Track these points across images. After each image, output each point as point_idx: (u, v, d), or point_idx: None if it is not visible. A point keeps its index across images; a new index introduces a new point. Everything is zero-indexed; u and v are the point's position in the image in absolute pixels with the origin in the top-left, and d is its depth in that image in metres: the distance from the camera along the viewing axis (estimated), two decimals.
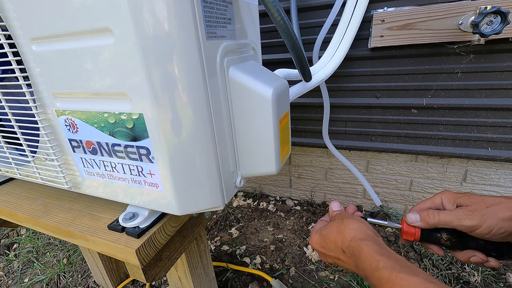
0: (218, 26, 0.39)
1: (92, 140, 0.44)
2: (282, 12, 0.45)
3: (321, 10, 0.93)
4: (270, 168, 0.50)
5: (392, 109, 1.00)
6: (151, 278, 0.51)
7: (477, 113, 0.91)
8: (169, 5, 0.32)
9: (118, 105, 0.38)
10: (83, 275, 1.24)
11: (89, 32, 0.35)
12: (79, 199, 0.59)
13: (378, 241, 0.38)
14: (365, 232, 0.39)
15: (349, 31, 0.81)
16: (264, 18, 0.88)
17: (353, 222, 0.41)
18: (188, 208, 0.44)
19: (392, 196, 1.34)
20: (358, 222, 0.41)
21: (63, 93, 0.42)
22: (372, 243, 0.36)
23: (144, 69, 0.34)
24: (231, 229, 1.40)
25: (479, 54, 0.83)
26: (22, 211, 0.57)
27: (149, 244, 0.46)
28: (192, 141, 0.39)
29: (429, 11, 0.78)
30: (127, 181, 0.45)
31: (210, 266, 0.84)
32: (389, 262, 0.33)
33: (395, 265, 0.32)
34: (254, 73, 0.46)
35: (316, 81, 0.74)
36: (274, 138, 0.47)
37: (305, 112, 1.14)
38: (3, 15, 0.39)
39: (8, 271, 1.32)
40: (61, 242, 1.43)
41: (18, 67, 0.41)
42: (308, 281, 1.09)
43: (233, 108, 0.46)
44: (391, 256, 0.34)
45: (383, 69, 0.94)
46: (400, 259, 0.34)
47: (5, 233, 1.57)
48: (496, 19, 0.69)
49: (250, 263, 1.18)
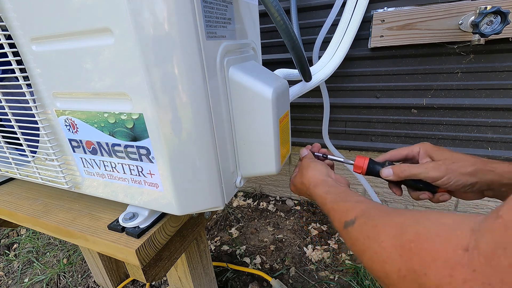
0: (218, 26, 0.39)
1: (92, 140, 0.44)
2: (282, 12, 0.45)
3: (321, 10, 0.93)
4: (270, 168, 0.50)
5: (392, 109, 1.00)
6: (151, 278, 0.51)
7: (477, 113, 0.91)
8: (169, 5, 0.32)
9: (118, 105, 0.38)
10: (83, 275, 1.24)
11: (89, 32, 0.35)
12: (79, 199, 0.59)
13: (327, 182, 0.47)
14: (317, 178, 0.48)
15: (349, 31, 0.81)
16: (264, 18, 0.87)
17: (309, 172, 0.50)
18: (188, 208, 0.44)
19: (392, 196, 1.34)
20: (313, 171, 0.50)
21: (63, 93, 0.42)
22: (322, 185, 0.46)
23: (144, 69, 0.34)
24: (231, 229, 1.40)
25: (479, 54, 0.83)
26: (22, 211, 0.57)
27: (149, 244, 0.46)
28: (192, 141, 0.39)
29: (429, 11, 0.78)
30: (127, 181, 0.45)
31: (210, 266, 0.84)
32: (332, 197, 0.42)
33: (336, 198, 0.41)
34: (254, 73, 0.46)
35: (316, 81, 0.74)
36: (274, 138, 0.47)
37: (305, 112, 1.14)
38: (3, 15, 0.39)
39: (8, 271, 1.32)
40: (61, 242, 1.43)
41: (18, 67, 0.41)
42: (308, 281, 1.09)
43: (233, 108, 0.46)
44: (335, 192, 0.43)
45: (383, 69, 0.94)
46: (341, 192, 0.42)
47: (5, 233, 1.57)
48: (496, 19, 0.69)
49: (250, 263, 1.18)
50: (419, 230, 0.25)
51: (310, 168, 0.51)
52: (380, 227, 0.29)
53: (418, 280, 0.23)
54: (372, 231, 0.30)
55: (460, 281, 0.19)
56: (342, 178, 0.51)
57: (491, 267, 0.18)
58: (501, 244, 0.18)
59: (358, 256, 0.32)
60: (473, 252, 0.19)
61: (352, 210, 0.35)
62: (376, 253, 0.28)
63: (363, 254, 0.30)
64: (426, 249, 0.23)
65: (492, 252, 0.18)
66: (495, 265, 0.18)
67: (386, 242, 0.27)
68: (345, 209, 0.37)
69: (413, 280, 0.23)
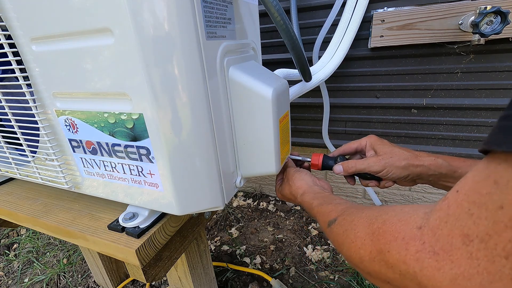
0: (218, 26, 0.39)
1: (92, 140, 0.44)
2: (282, 12, 0.45)
3: (321, 10, 0.93)
4: (270, 168, 0.50)
5: (392, 109, 1.00)
6: (151, 278, 0.51)
7: (477, 113, 0.91)
8: (169, 5, 0.32)
9: (118, 105, 0.38)
10: (83, 275, 1.24)
11: (89, 32, 0.35)
12: (79, 199, 0.59)
13: (313, 189, 0.52)
14: (302, 188, 0.54)
15: (349, 31, 0.81)
16: (264, 18, 0.87)
17: (296, 183, 0.56)
18: (188, 208, 0.44)
19: (392, 196, 1.34)
20: (300, 181, 0.55)
21: (63, 93, 0.42)
22: (308, 193, 0.51)
23: (144, 69, 0.34)
24: (231, 229, 1.40)
25: (479, 54, 0.83)
26: (22, 211, 0.57)
27: (149, 244, 0.46)
28: (192, 141, 0.39)
29: (429, 11, 0.78)
30: (127, 181, 0.45)
31: (210, 266, 0.84)
32: (318, 201, 0.47)
33: (321, 202, 0.46)
34: (254, 73, 0.46)
35: (316, 81, 0.74)
36: (274, 138, 0.47)
37: (305, 112, 1.14)
38: (3, 15, 0.39)
39: (8, 271, 1.32)
40: (61, 242, 1.43)
41: (18, 67, 0.41)
42: (308, 281, 1.09)
43: (233, 108, 0.46)
44: (319, 196, 0.48)
45: (383, 69, 0.94)
46: (326, 197, 0.47)
47: (5, 233, 1.57)
48: (496, 19, 0.69)
49: (250, 263, 1.18)
50: (385, 218, 0.29)
51: (296, 179, 0.56)
52: (355, 221, 0.34)
53: (384, 258, 0.26)
54: (349, 225, 0.34)
55: (413, 252, 0.23)
56: (327, 184, 0.56)
57: (435, 237, 0.22)
58: (444, 219, 0.22)
59: (339, 249, 0.36)
60: (424, 229, 0.23)
61: (334, 211, 0.40)
62: (352, 241, 0.32)
63: (342, 246, 0.34)
64: (389, 231, 0.27)
65: (437, 226, 0.22)
66: (438, 236, 0.22)
67: (360, 232, 0.31)
68: (329, 211, 0.41)
69: (380, 259, 0.27)
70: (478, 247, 0.19)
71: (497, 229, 0.18)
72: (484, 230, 0.18)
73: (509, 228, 0.17)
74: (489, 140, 0.20)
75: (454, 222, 0.21)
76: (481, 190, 0.19)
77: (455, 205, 0.21)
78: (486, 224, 0.18)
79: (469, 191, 0.21)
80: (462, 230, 0.20)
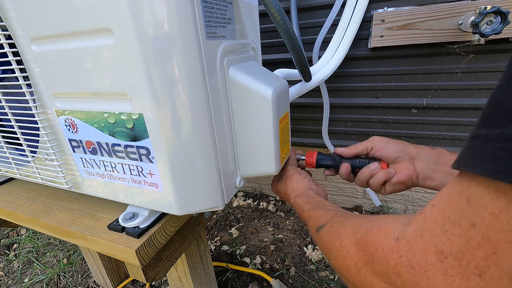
0: (218, 26, 0.39)
1: (92, 140, 0.44)
2: (282, 12, 0.45)
3: (321, 10, 0.93)
4: (270, 168, 0.50)
5: (392, 109, 1.00)
6: (151, 278, 0.51)
7: (477, 113, 0.91)
8: (169, 5, 0.32)
9: (118, 105, 0.38)
10: (83, 275, 1.24)
11: (89, 32, 0.35)
12: (79, 199, 0.59)
13: (307, 193, 0.52)
14: (297, 190, 0.54)
15: (349, 31, 0.81)
16: (264, 18, 0.87)
17: (293, 184, 0.56)
18: (188, 208, 0.44)
19: (392, 196, 1.34)
20: (296, 183, 0.56)
21: (63, 93, 0.42)
22: (301, 197, 0.51)
23: (144, 69, 0.34)
24: (231, 229, 1.40)
25: (479, 54, 0.83)
26: (22, 211, 0.57)
27: (149, 244, 0.46)
28: (192, 141, 0.39)
29: (429, 11, 0.78)
30: (127, 181, 0.45)
31: (210, 266, 0.84)
32: (310, 205, 0.47)
33: (312, 207, 0.46)
34: (254, 73, 0.46)
35: (316, 81, 0.74)
36: (274, 139, 0.47)
37: (305, 112, 1.14)
38: (3, 15, 0.39)
39: (8, 271, 1.32)
40: (61, 242, 1.43)
41: (18, 67, 0.41)
42: (308, 281, 1.09)
43: (233, 108, 0.46)
44: (312, 201, 0.48)
45: (383, 69, 0.94)
46: (317, 202, 0.47)
47: (5, 233, 1.57)
48: (496, 19, 0.69)
49: (250, 263, 1.18)
50: (368, 227, 0.29)
51: (294, 180, 0.57)
52: (341, 229, 0.34)
53: (370, 269, 0.26)
54: (336, 232, 0.34)
55: (393, 265, 0.23)
56: (322, 190, 0.57)
57: (411, 251, 0.22)
58: (419, 233, 0.22)
59: (327, 256, 0.36)
60: (401, 241, 0.23)
61: (323, 217, 0.40)
62: (338, 251, 0.32)
63: (330, 253, 0.34)
64: (372, 242, 0.27)
65: (413, 239, 0.22)
66: (414, 250, 0.22)
67: (346, 241, 0.31)
68: (318, 216, 0.42)
69: (366, 270, 0.27)
70: (452, 264, 0.19)
71: (470, 247, 0.18)
72: (458, 248, 0.19)
73: (481, 246, 0.17)
74: (459, 160, 0.20)
75: (429, 238, 0.21)
76: (454, 206, 0.20)
77: (431, 220, 0.21)
78: (460, 242, 0.19)
79: (444, 206, 0.21)
80: (436, 246, 0.20)
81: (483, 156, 0.17)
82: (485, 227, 0.17)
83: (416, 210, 1.34)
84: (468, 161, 0.19)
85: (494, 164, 0.17)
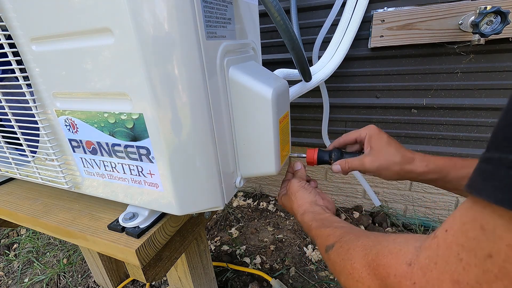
0: (218, 26, 0.39)
1: (92, 140, 0.44)
2: (282, 12, 0.45)
3: (321, 10, 0.93)
4: (270, 168, 0.50)
5: (392, 109, 1.00)
6: (151, 278, 0.51)
7: (477, 113, 0.91)
8: (169, 5, 0.32)
9: (118, 105, 0.38)
10: (83, 275, 1.24)
11: (89, 32, 0.35)
12: (79, 199, 0.59)
13: (314, 210, 0.51)
14: (304, 207, 0.52)
15: (349, 31, 0.81)
16: (264, 18, 0.87)
17: (298, 200, 0.54)
18: (188, 208, 0.44)
19: (392, 196, 1.34)
20: (301, 200, 0.54)
21: (63, 93, 0.42)
22: (309, 213, 0.50)
23: (144, 69, 0.34)
24: (231, 229, 1.40)
25: (479, 54, 0.83)
26: (22, 211, 0.57)
27: (149, 244, 0.46)
28: (192, 141, 0.39)
29: (429, 11, 0.78)
30: (127, 181, 0.45)
31: (210, 266, 0.84)
32: (317, 223, 0.46)
33: (319, 224, 0.45)
34: (254, 73, 0.46)
35: (316, 81, 0.74)
36: (274, 139, 0.47)
37: (305, 112, 1.14)
38: (3, 15, 0.39)
39: (8, 271, 1.32)
40: (61, 242, 1.43)
41: (18, 67, 0.41)
42: (308, 281, 1.09)
43: (233, 108, 0.46)
44: (319, 218, 0.47)
45: (383, 69, 0.94)
46: (324, 219, 0.46)
47: (5, 233, 1.57)
48: (496, 19, 0.69)
49: (250, 263, 1.18)
50: (379, 249, 0.28)
51: (299, 197, 0.55)
52: (351, 250, 0.33)
53: None
54: (346, 254, 0.34)
55: None
56: (330, 203, 0.55)
57: (425, 278, 0.21)
58: (433, 259, 0.21)
59: (337, 277, 0.35)
60: (414, 267, 0.23)
61: (332, 236, 0.40)
62: (350, 273, 0.31)
63: (340, 275, 0.33)
64: (383, 266, 0.26)
65: (427, 266, 0.22)
66: (428, 277, 0.21)
67: (357, 263, 0.30)
68: (326, 235, 0.41)
69: None
70: None
71: (487, 279, 0.18)
72: (474, 279, 0.18)
73: (499, 279, 0.17)
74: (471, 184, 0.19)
75: (443, 265, 0.20)
76: (468, 233, 0.19)
77: (445, 246, 0.21)
78: (476, 272, 0.18)
79: (457, 232, 0.20)
80: (452, 275, 0.20)
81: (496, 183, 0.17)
82: (502, 259, 0.17)
83: (416, 210, 1.34)
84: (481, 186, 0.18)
85: (509, 194, 0.16)
